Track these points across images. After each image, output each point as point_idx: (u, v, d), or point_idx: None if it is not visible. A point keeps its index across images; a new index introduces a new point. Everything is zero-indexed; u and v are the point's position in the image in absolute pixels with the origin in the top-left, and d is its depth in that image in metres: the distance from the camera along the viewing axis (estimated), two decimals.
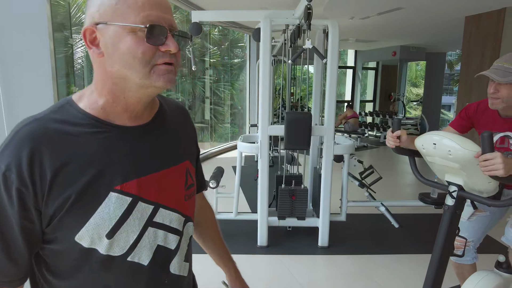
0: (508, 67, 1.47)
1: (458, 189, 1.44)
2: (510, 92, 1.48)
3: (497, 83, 1.49)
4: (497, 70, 1.49)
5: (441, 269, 1.55)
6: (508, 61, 1.47)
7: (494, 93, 1.51)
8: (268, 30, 2.73)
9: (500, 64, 1.49)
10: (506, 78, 1.45)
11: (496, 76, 1.47)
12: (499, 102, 1.52)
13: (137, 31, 0.58)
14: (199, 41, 10.39)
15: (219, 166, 3.53)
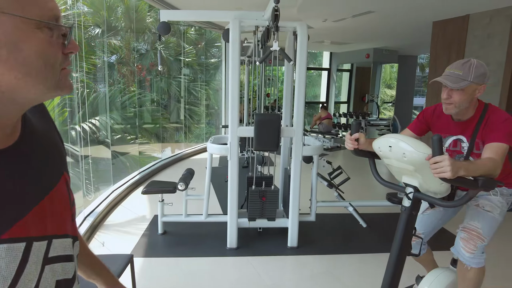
0: (459, 73, 1.51)
1: (414, 191, 1.47)
2: (462, 98, 1.53)
3: (449, 89, 1.53)
4: (450, 76, 1.53)
5: (399, 268, 1.58)
6: (458, 68, 1.51)
7: (447, 98, 1.56)
8: (237, 30, 2.71)
9: (452, 71, 1.54)
10: (457, 84, 1.50)
11: (449, 83, 1.51)
12: (452, 107, 1.56)
13: (42, 27, 0.46)
14: (174, 40, 10.25)
15: (189, 168, 3.49)
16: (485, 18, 4.75)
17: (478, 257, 1.63)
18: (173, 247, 3.10)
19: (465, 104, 1.54)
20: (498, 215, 1.62)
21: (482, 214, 1.63)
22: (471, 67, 1.50)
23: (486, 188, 1.26)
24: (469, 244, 1.62)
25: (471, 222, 1.64)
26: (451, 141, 1.68)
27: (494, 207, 1.63)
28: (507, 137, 1.42)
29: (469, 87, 1.51)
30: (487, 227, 1.61)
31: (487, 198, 1.65)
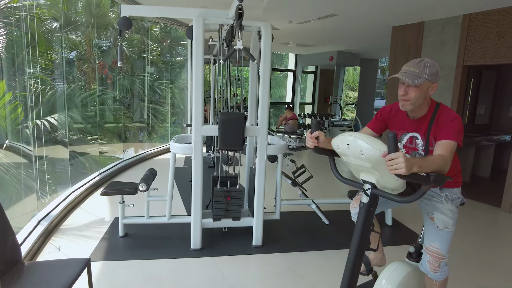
0: (415, 71, 1.59)
1: (371, 187, 1.52)
2: (417, 94, 1.61)
3: (406, 85, 1.61)
4: (407, 73, 1.60)
5: (358, 263, 1.63)
6: (414, 66, 1.59)
7: (404, 95, 1.63)
8: (201, 28, 2.68)
9: (409, 69, 1.61)
10: (414, 81, 1.57)
11: (406, 79, 1.58)
12: (408, 103, 1.64)
13: None
14: (138, 37, 9.95)
15: (151, 168, 3.40)
16: (438, 25, 5.04)
17: (443, 272, 1.79)
18: (134, 249, 3.00)
19: (419, 100, 1.61)
20: (452, 226, 1.75)
21: (439, 234, 1.75)
22: (425, 65, 1.58)
23: (437, 183, 1.33)
24: (434, 266, 1.77)
25: (432, 244, 1.77)
26: (407, 138, 1.76)
27: (448, 222, 1.73)
28: (455, 135, 1.51)
29: (424, 84, 1.58)
30: (445, 245, 1.76)
31: (440, 210, 1.74)
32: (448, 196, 1.73)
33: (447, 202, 1.72)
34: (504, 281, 2.71)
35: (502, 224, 4.06)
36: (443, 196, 1.73)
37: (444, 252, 1.75)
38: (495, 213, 4.35)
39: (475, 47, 4.61)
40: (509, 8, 4.24)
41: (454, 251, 3.17)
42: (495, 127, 6.91)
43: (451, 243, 1.78)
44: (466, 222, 3.99)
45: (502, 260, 3.11)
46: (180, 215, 3.25)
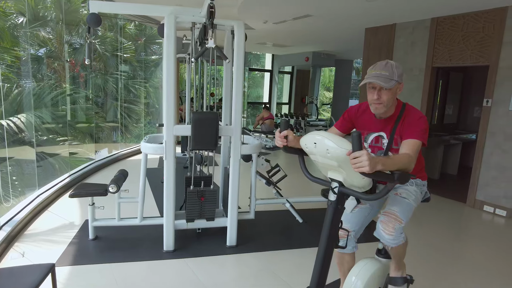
0: (386, 74, 1.62)
1: (339, 185, 1.54)
2: (389, 97, 1.64)
3: (378, 89, 1.63)
4: (379, 77, 1.62)
5: (327, 260, 1.64)
6: (382, 69, 1.62)
7: (377, 99, 1.65)
8: (173, 26, 2.63)
9: (379, 72, 1.63)
10: (388, 84, 1.60)
11: (382, 83, 1.60)
12: (381, 106, 1.67)
13: None
14: (111, 35, 9.70)
15: (122, 169, 3.32)
16: (408, 27, 5.20)
17: (397, 238, 1.72)
18: (105, 252, 2.91)
19: (391, 102, 1.65)
20: (413, 201, 1.78)
21: (399, 200, 1.77)
22: (392, 67, 1.62)
23: (402, 181, 1.36)
24: (388, 227, 1.70)
25: (390, 207, 1.77)
26: (373, 137, 1.80)
27: (409, 194, 1.78)
28: (420, 134, 1.55)
29: (394, 86, 1.62)
30: (404, 211, 1.74)
31: (404, 187, 1.81)
32: (413, 182, 1.80)
33: (411, 185, 1.79)
34: (470, 272, 2.83)
35: (467, 218, 4.23)
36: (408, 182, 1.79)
37: (400, 215, 1.70)
38: (460, 208, 4.54)
39: (442, 49, 4.79)
40: (472, 13, 4.42)
41: (424, 244, 3.28)
42: (462, 126, 7.21)
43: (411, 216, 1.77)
44: (435, 217, 4.13)
45: (467, 253, 3.24)
46: (153, 217, 3.18)
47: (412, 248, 3.19)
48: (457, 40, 4.61)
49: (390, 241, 1.72)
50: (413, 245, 3.27)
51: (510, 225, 4.01)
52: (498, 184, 4.31)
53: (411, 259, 2.98)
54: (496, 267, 2.97)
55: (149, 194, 4.41)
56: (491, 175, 4.37)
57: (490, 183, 4.39)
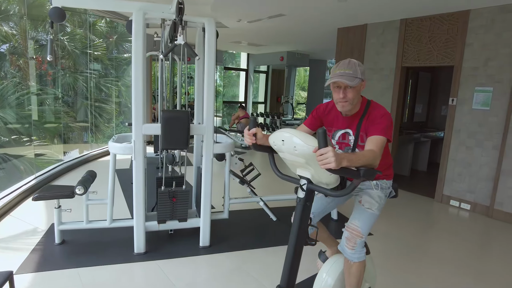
0: (350, 72, 1.63)
1: (307, 182, 1.55)
2: (354, 94, 1.66)
3: (344, 88, 1.65)
4: (344, 76, 1.64)
5: (297, 258, 1.65)
6: (346, 68, 1.63)
7: (343, 97, 1.67)
8: (141, 22, 2.56)
9: (343, 71, 1.65)
10: (353, 82, 1.62)
11: (347, 81, 1.62)
12: (347, 104, 1.69)
13: None
14: (81, 32, 9.36)
15: (90, 170, 3.21)
16: (379, 28, 5.33)
17: (359, 252, 1.80)
18: (72, 257, 2.80)
19: (356, 100, 1.68)
20: (377, 209, 1.82)
21: (362, 213, 1.81)
22: (355, 65, 1.63)
23: (367, 177, 1.37)
24: (350, 242, 1.79)
25: (353, 221, 1.82)
26: (340, 134, 1.82)
27: (373, 203, 1.81)
28: (384, 131, 1.58)
29: (359, 84, 1.65)
30: (365, 224, 1.80)
31: (369, 193, 1.83)
32: (379, 184, 1.82)
33: (376, 189, 1.81)
34: (436, 266, 2.93)
35: (434, 213, 4.39)
36: (373, 184, 1.82)
37: (362, 231, 1.77)
38: (429, 203, 4.70)
39: (411, 49, 4.94)
40: (438, 15, 4.59)
41: (393, 240, 3.37)
42: (431, 124, 7.48)
43: (372, 226, 1.83)
44: (404, 212, 4.26)
45: (433, 246, 3.35)
46: (124, 219, 3.09)
47: (382, 244, 3.28)
48: (425, 41, 4.76)
49: (352, 255, 1.79)
50: (383, 241, 3.36)
51: (473, 218, 4.20)
52: (463, 179, 4.50)
53: (381, 254, 3.06)
54: (460, 259, 3.09)
55: (120, 196, 4.29)
56: (457, 171, 4.55)
57: (455, 178, 4.57)
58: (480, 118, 4.29)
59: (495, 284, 2.69)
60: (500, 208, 4.14)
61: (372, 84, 5.45)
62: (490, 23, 4.15)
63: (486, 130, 4.25)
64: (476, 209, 4.39)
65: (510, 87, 4.00)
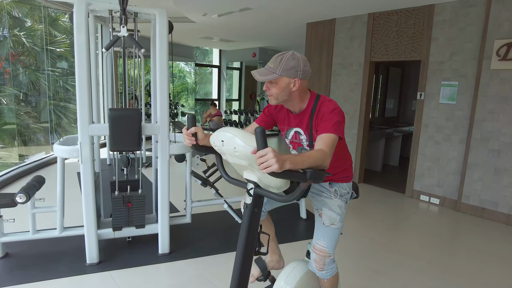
0: (271, 66, 1.48)
1: (254, 186, 1.40)
2: (277, 90, 1.50)
3: (267, 82, 1.51)
4: (263, 69, 1.49)
5: (246, 269, 1.50)
6: (273, 61, 1.48)
7: (266, 89, 1.53)
8: (83, 14, 2.34)
9: (268, 64, 1.50)
10: (263, 77, 1.47)
11: (257, 75, 1.48)
12: (272, 98, 1.54)
13: None
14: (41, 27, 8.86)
15: (38, 175, 2.95)
16: (347, 22, 5.26)
17: (330, 270, 1.71)
18: (15, 272, 2.55)
19: (283, 96, 1.51)
20: (340, 222, 1.69)
21: (326, 231, 1.68)
22: (282, 60, 1.46)
23: (315, 180, 1.24)
24: (319, 264, 1.70)
25: (318, 241, 1.70)
26: (292, 133, 1.67)
27: (334, 218, 1.68)
28: (334, 127, 1.42)
29: (280, 80, 1.48)
30: (331, 242, 1.68)
31: (328, 205, 1.68)
32: (337, 191, 1.68)
33: (335, 197, 1.68)
34: (406, 262, 2.87)
35: (405, 208, 4.37)
36: (332, 192, 1.68)
37: (329, 250, 1.69)
38: (400, 198, 4.69)
39: (379, 44, 4.90)
40: (404, 9, 4.56)
41: (363, 238, 3.29)
42: (402, 119, 7.54)
43: (338, 240, 1.73)
44: (375, 209, 4.22)
45: (403, 243, 3.31)
46: (77, 226, 2.86)
47: (352, 243, 3.20)
48: (392, 35, 4.73)
49: (324, 275, 1.71)
50: (354, 240, 3.28)
51: (442, 212, 4.21)
52: (432, 174, 4.50)
53: (351, 254, 2.97)
54: (429, 254, 3.05)
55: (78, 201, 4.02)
56: (426, 165, 4.56)
57: (425, 173, 4.58)
58: (447, 112, 4.30)
59: (462, 278, 2.65)
60: (467, 202, 4.17)
61: (341, 79, 5.39)
62: (454, 18, 4.15)
63: (453, 124, 4.26)
64: (445, 203, 4.40)
65: (474, 81, 4.01)
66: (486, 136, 3.96)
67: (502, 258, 3.06)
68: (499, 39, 3.79)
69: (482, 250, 3.20)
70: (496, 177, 3.92)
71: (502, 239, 3.49)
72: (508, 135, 3.80)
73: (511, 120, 3.78)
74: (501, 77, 3.81)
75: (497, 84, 3.85)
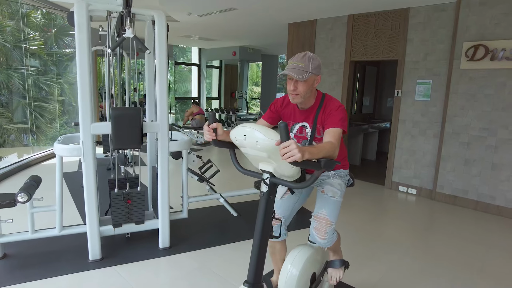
0: (301, 66, 1.65)
1: (270, 176, 1.55)
2: (305, 88, 1.69)
3: (295, 80, 1.67)
4: (294, 69, 1.66)
5: (263, 251, 1.65)
6: (299, 61, 1.66)
7: (294, 90, 1.69)
8: (84, 14, 2.38)
9: (295, 64, 1.67)
10: (302, 76, 1.64)
11: (295, 75, 1.64)
12: (298, 97, 1.71)
13: None
14: (11, 24, 8.54)
15: (34, 174, 2.95)
16: (328, 23, 5.49)
17: (330, 239, 1.85)
18: (17, 271, 2.56)
19: (308, 93, 1.70)
20: (339, 197, 1.88)
21: (327, 201, 1.85)
22: (309, 59, 1.66)
23: (328, 168, 1.41)
24: (321, 232, 1.82)
25: (319, 211, 1.85)
26: (298, 128, 1.85)
27: (335, 191, 1.87)
28: (340, 122, 1.64)
29: (310, 78, 1.67)
30: (332, 212, 1.84)
31: (330, 183, 1.88)
32: (336, 174, 1.89)
33: (334, 178, 1.87)
34: (388, 248, 3.11)
35: (385, 199, 4.67)
36: (332, 174, 1.88)
37: (331, 218, 1.82)
38: (380, 190, 4.98)
39: (358, 44, 5.16)
40: (382, 12, 4.84)
41: (347, 228, 3.52)
42: (378, 116, 7.91)
43: (339, 213, 1.88)
44: (357, 200, 4.47)
45: (385, 230, 3.56)
46: (75, 225, 2.89)
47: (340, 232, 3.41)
48: (371, 36, 5.00)
49: (325, 243, 1.84)
50: (341, 229, 3.49)
51: (419, 202, 4.53)
52: (409, 166, 4.82)
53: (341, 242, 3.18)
54: (411, 239, 3.32)
55: (69, 201, 4.01)
56: (404, 158, 4.87)
57: (403, 165, 4.89)
58: (422, 108, 4.62)
59: (439, 260, 2.92)
60: (441, 191, 4.51)
61: (323, 78, 5.62)
62: (427, 20, 4.46)
63: (428, 120, 4.59)
64: (421, 193, 4.73)
65: (446, 80, 4.35)
66: (457, 130, 4.30)
67: (474, 241, 3.38)
68: (467, 41, 4.13)
69: (456, 234, 3.51)
70: (466, 168, 4.28)
71: (473, 222, 3.83)
72: (476, 129, 4.16)
73: (478, 115, 4.13)
74: (470, 76, 4.16)
75: (466, 82, 4.19)
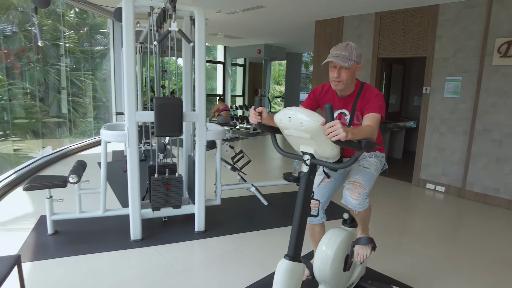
0: (345, 54, 1.77)
1: (310, 158, 1.67)
2: (347, 75, 1.80)
3: (339, 68, 1.78)
4: (339, 57, 1.77)
5: (302, 228, 1.76)
6: (343, 50, 1.77)
7: (337, 77, 1.80)
8: (131, 10, 2.57)
9: (339, 52, 1.79)
10: (346, 63, 1.75)
11: (340, 62, 1.75)
12: (341, 84, 1.82)
13: None
14: (50, 23, 9.00)
15: (80, 159, 3.18)
16: (355, 21, 5.54)
17: (363, 203, 1.89)
18: (68, 246, 2.78)
19: (349, 80, 1.81)
20: (374, 170, 1.97)
21: (362, 170, 1.95)
22: (352, 48, 1.77)
23: (368, 149, 1.52)
24: (354, 193, 1.87)
25: (354, 177, 1.94)
26: (336, 114, 1.95)
27: (371, 165, 1.97)
28: (379, 108, 1.74)
29: (353, 65, 1.79)
30: (366, 179, 1.91)
31: (366, 159, 1.99)
32: (372, 154, 1.99)
33: (371, 157, 1.98)
34: (418, 240, 3.16)
35: (412, 196, 4.67)
36: (368, 154, 1.98)
37: (364, 183, 1.87)
38: (407, 187, 4.99)
39: (386, 41, 5.18)
40: (410, 9, 4.85)
41: (376, 220, 3.58)
42: (404, 114, 7.85)
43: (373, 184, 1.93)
44: (384, 196, 4.51)
45: (412, 225, 3.60)
46: (116, 209, 3.10)
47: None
48: (399, 33, 5.02)
49: (357, 205, 1.88)
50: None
51: (447, 199, 4.51)
52: (437, 163, 4.81)
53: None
54: (436, 234, 3.35)
55: (107, 187, 4.25)
56: (432, 156, 4.86)
57: (431, 163, 4.88)
58: (451, 105, 4.60)
59: (466, 255, 2.95)
60: (471, 189, 4.48)
61: None
62: (457, 17, 4.44)
63: (457, 117, 4.56)
64: (450, 191, 4.71)
65: (477, 76, 4.32)
66: (489, 127, 4.27)
67: (506, 240, 3.36)
68: (500, 37, 4.09)
69: (485, 231, 3.51)
70: (498, 166, 4.23)
71: (505, 222, 3.80)
72: (509, 126, 4.12)
73: (511, 112, 4.09)
74: (502, 72, 4.12)
75: (498, 79, 4.15)
